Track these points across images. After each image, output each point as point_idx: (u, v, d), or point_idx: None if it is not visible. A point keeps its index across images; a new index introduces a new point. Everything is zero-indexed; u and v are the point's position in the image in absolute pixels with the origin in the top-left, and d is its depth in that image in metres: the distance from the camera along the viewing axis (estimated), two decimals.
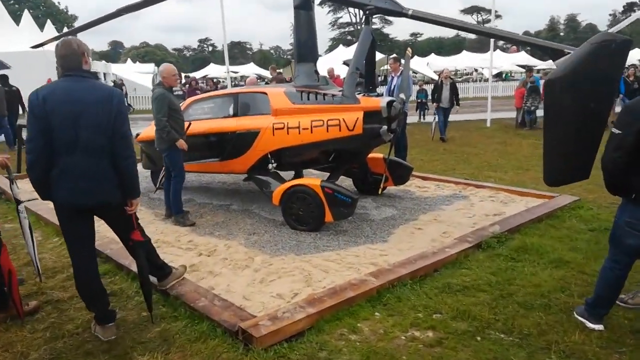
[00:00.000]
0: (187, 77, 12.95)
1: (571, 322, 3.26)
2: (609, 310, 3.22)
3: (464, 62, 46.90)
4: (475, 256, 4.44)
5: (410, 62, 6.32)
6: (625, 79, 13.99)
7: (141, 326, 3.45)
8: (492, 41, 15.03)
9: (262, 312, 3.46)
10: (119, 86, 25.48)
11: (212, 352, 3.04)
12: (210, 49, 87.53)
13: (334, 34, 76.04)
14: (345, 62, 11.89)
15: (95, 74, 3.09)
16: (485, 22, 78.38)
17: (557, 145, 3.78)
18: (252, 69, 43.47)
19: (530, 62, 47.93)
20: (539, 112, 14.47)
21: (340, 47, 42.02)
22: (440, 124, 12.37)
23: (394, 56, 9.27)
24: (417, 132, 13.13)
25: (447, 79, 12.41)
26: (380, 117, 5.37)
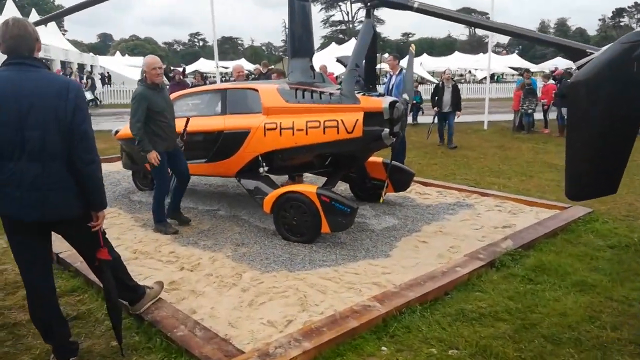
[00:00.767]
0: (171, 70, 12.21)
1: None
2: None
3: (456, 63, 46.71)
4: (489, 276, 4.00)
5: (414, 60, 5.87)
6: None
7: (109, 359, 2.96)
8: (490, 42, 14.65)
9: (251, 344, 2.97)
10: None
11: None
12: (201, 43, 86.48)
13: (325, 31, 75.63)
14: (338, 59, 11.36)
15: (46, 64, 2.54)
16: None
17: (582, 155, 3.33)
18: (243, 65, 42.81)
19: (523, 65, 48.01)
20: (537, 115, 14.15)
21: (332, 44, 41.53)
22: (449, 129, 11.21)
23: (393, 54, 8.81)
24: (412, 133, 12.69)
25: (449, 81, 11.30)
26: (381, 118, 4.90)
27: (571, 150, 3.27)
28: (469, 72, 44.46)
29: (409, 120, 16.26)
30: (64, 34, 40.27)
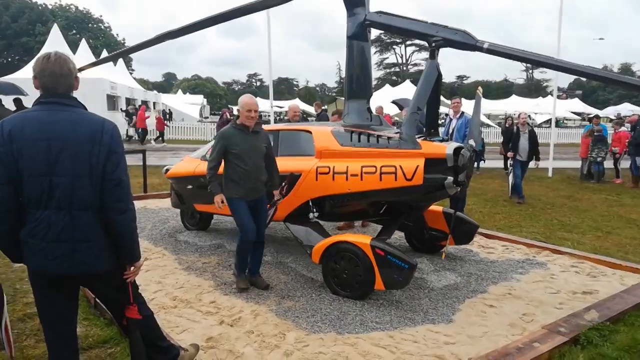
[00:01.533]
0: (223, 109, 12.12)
1: None
2: None
3: (514, 106, 45.46)
4: (573, 355, 3.38)
5: (481, 103, 5.44)
6: None
7: None
8: (555, 85, 13.96)
9: None
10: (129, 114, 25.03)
11: None
12: (258, 83, 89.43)
13: (379, 74, 76.16)
14: (394, 102, 11.06)
15: (81, 103, 2.31)
16: (534, 67, 76.68)
17: None
18: (298, 104, 43.57)
19: (586, 110, 46.14)
20: (607, 164, 13.15)
21: (386, 86, 41.60)
22: (517, 179, 9.71)
23: (458, 96, 8.40)
24: (472, 178, 12.02)
25: (525, 126, 9.76)
26: (445, 166, 4.46)
27: None
28: (529, 116, 43.15)
29: None
30: (131, 73, 42.76)
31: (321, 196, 4.92)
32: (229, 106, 31.98)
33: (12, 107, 11.26)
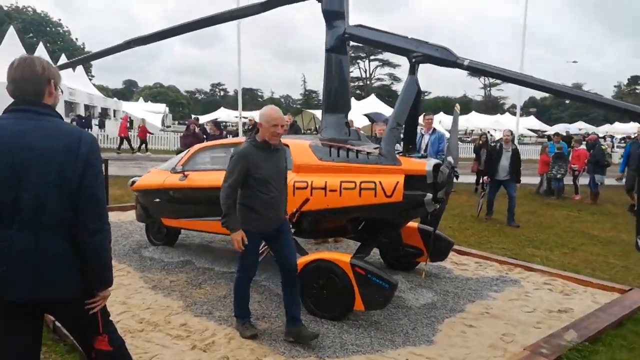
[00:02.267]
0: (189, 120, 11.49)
1: None
2: None
3: (474, 122, 46.85)
4: None
5: (459, 120, 5.44)
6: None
7: None
8: (519, 104, 14.34)
9: None
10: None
11: None
12: (222, 93, 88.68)
13: None
14: (367, 115, 11.02)
15: (57, 112, 2.09)
16: (492, 85, 79.15)
17: None
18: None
19: (542, 127, 47.96)
20: (567, 180, 13.56)
21: (352, 100, 42.01)
22: (511, 202, 9.19)
23: (430, 112, 8.45)
24: None
25: (509, 144, 9.35)
26: (424, 183, 4.41)
27: None
28: (488, 132, 44.47)
29: None
30: (90, 79, 41.42)
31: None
32: (193, 116, 31.27)
33: None
